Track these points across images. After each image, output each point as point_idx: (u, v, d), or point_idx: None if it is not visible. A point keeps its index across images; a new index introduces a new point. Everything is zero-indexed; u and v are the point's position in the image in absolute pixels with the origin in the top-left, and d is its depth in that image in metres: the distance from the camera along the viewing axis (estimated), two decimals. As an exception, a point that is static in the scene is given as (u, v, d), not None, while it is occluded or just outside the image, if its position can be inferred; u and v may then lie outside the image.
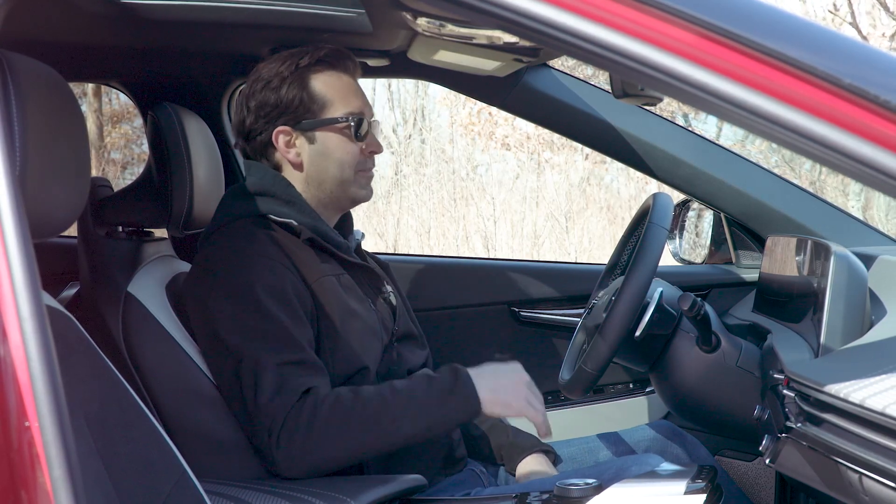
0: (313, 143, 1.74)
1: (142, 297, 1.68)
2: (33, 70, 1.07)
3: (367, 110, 1.78)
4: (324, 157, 1.74)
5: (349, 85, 1.76)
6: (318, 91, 1.73)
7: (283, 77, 1.73)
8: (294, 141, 1.75)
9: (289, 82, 1.73)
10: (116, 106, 9.51)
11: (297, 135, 1.74)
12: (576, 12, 0.94)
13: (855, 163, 0.91)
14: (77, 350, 1.20)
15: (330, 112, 1.74)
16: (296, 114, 1.73)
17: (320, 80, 1.74)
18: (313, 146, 1.74)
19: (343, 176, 1.75)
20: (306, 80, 1.73)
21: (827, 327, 1.41)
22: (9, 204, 0.93)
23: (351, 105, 1.74)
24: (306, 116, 1.73)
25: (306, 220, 1.71)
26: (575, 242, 8.23)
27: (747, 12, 0.94)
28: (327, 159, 1.74)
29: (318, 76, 1.74)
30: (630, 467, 1.64)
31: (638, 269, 1.65)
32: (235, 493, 1.45)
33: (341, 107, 1.74)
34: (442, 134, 10.09)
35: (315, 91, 1.73)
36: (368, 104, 1.79)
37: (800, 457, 1.31)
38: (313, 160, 1.75)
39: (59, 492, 0.89)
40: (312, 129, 1.74)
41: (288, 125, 1.74)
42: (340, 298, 1.68)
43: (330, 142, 1.74)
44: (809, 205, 2.12)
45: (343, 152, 1.74)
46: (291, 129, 1.74)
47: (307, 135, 1.74)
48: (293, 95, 1.73)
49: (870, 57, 0.94)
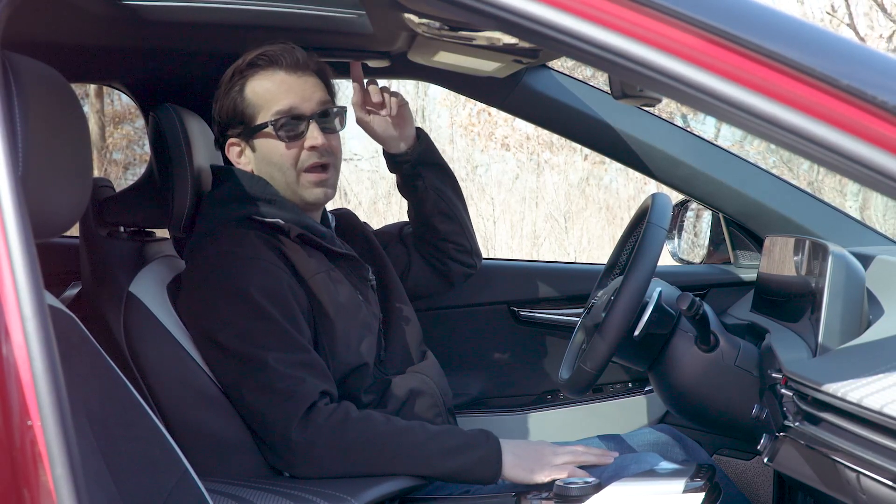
0: (256, 150, 1.74)
1: (143, 296, 1.69)
2: (36, 71, 1.07)
3: (305, 104, 1.71)
4: (266, 163, 1.73)
5: (280, 82, 1.70)
6: (250, 97, 1.71)
7: (225, 86, 1.72)
8: (243, 151, 1.75)
9: (227, 92, 1.72)
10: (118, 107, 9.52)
11: (244, 145, 1.74)
12: (575, 13, 0.95)
13: (852, 163, 0.92)
14: (79, 349, 1.20)
15: (261, 117, 1.71)
16: (235, 124, 1.72)
17: (252, 85, 1.71)
18: (256, 154, 1.74)
19: (287, 179, 1.72)
20: (242, 87, 1.71)
21: (825, 327, 1.41)
22: (11, 204, 0.94)
23: (279, 103, 1.70)
24: (242, 126, 1.72)
25: (291, 216, 1.70)
26: (574, 242, 8.24)
27: (745, 13, 0.94)
28: (270, 165, 1.72)
29: (251, 81, 1.71)
30: (629, 466, 1.65)
31: (637, 268, 1.65)
32: (236, 492, 1.45)
33: (271, 108, 1.70)
34: (442, 134, 10.09)
35: (247, 97, 1.71)
36: (307, 97, 1.71)
37: (798, 456, 1.31)
38: (260, 168, 1.74)
39: (62, 490, 0.90)
40: (252, 137, 1.73)
41: (234, 136, 1.74)
42: (333, 295, 1.69)
43: (266, 147, 1.72)
44: (807, 205, 2.12)
45: (278, 156, 1.71)
46: (238, 140, 1.74)
47: (250, 143, 1.74)
48: (231, 106, 1.72)
49: (867, 58, 0.94)
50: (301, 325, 1.63)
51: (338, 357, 1.67)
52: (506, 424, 2.23)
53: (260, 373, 1.58)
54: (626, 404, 2.25)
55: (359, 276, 1.80)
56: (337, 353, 1.67)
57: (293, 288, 1.64)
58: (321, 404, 1.58)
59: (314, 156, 1.72)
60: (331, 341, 1.67)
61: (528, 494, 1.57)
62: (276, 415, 1.57)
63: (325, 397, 1.60)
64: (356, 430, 1.58)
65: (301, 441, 1.56)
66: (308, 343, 1.63)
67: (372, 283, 1.83)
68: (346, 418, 1.58)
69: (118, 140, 9.59)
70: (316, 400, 1.58)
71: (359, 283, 1.78)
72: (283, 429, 1.56)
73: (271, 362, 1.57)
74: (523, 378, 2.31)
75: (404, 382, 1.76)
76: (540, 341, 2.31)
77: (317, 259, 1.72)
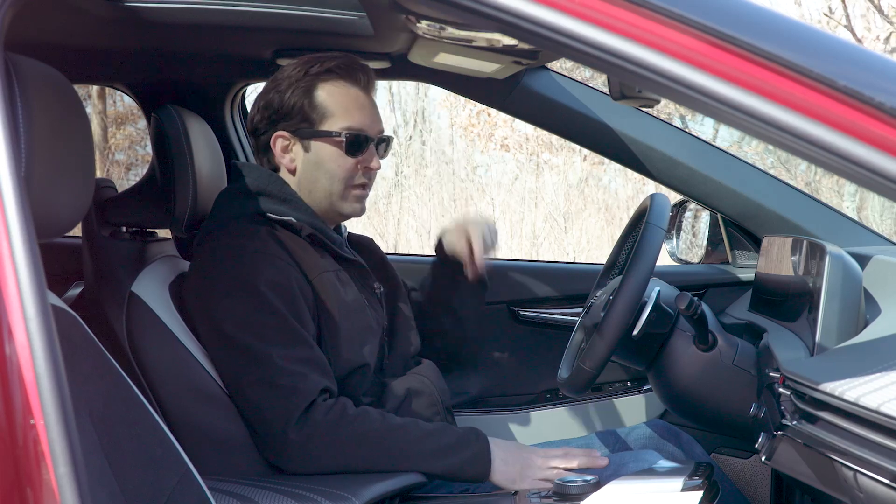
0: (308, 151, 1.75)
1: (145, 296, 1.69)
2: (39, 72, 1.08)
3: (372, 127, 1.76)
4: (316, 167, 1.75)
5: (355, 98, 1.75)
6: (321, 101, 1.73)
7: (292, 81, 1.74)
8: (291, 147, 1.76)
9: (294, 88, 1.73)
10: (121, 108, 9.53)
11: (295, 141, 1.76)
12: (573, 15, 0.95)
13: (849, 164, 0.92)
14: (82, 349, 1.21)
15: (328, 124, 1.73)
16: (295, 120, 1.74)
17: (325, 90, 1.74)
18: (307, 154, 1.75)
19: (332, 188, 1.75)
20: (312, 87, 1.73)
21: (822, 326, 1.42)
22: (14, 204, 0.94)
23: (352, 119, 1.74)
24: (304, 125, 1.74)
25: (304, 217, 1.72)
26: (573, 242, 8.24)
27: (743, 15, 0.95)
28: (319, 170, 1.75)
29: (324, 85, 1.74)
30: (628, 464, 1.66)
31: (636, 268, 1.66)
32: (238, 490, 1.46)
33: (341, 120, 1.73)
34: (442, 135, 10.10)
35: (317, 100, 1.73)
36: (375, 120, 1.77)
37: (795, 454, 1.32)
38: (306, 169, 1.76)
39: (64, 488, 0.90)
40: (309, 138, 1.74)
41: (286, 130, 1.75)
42: (339, 294, 1.70)
43: (324, 152, 1.74)
44: (805, 205, 2.13)
45: (335, 165, 1.74)
46: (289, 135, 1.75)
47: (304, 142, 1.75)
48: (295, 101, 1.73)
49: (864, 59, 0.95)
50: (306, 320, 1.64)
51: (340, 355, 1.68)
52: (505, 423, 2.24)
53: (262, 366, 1.59)
54: (624, 403, 2.26)
55: (365, 283, 1.82)
56: (339, 351, 1.68)
57: (300, 284, 1.66)
58: (320, 400, 1.59)
59: (364, 176, 1.77)
60: (334, 339, 1.68)
61: (528, 493, 1.58)
62: (275, 411, 1.58)
63: (324, 394, 1.61)
64: (352, 427, 1.59)
65: (298, 439, 1.57)
66: (312, 339, 1.64)
67: (378, 293, 1.84)
68: (343, 415, 1.59)
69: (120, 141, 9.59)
70: (315, 398, 1.59)
71: (364, 290, 1.80)
72: (282, 426, 1.57)
73: (274, 357, 1.58)
74: (523, 377, 2.32)
75: (402, 383, 1.77)
76: (539, 341, 2.31)
77: (326, 259, 1.73)
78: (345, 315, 1.70)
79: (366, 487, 1.48)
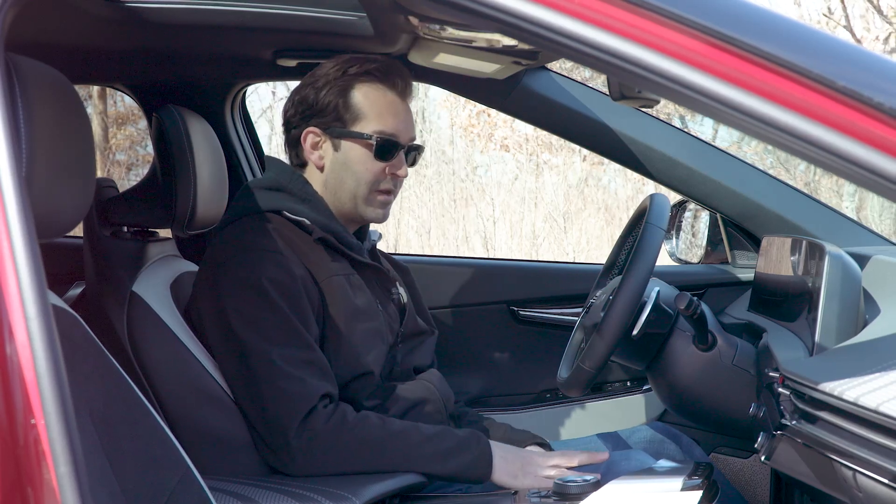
0: (338, 150, 1.75)
1: (146, 296, 1.70)
2: (39, 73, 1.08)
3: (404, 134, 1.76)
4: (344, 167, 1.75)
5: (391, 103, 1.75)
6: (356, 102, 1.74)
7: (329, 80, 1.74)
8: (321, 144, 1.76)
9: (331, 86, 1.74)
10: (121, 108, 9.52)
11: (325, 139, 1.76)
12: (573, 15, 0.95)
13: (849, 164, 0.92)
14: (82, 348, 1.21)
15: (361, 125, 1.74)
16: (328, 118, 1.74)
17: (361, 92, 1.74)
18: (337, 154, 1.76)
19: (358, 191, 1.75)
20: (349, 88, 1.74)
21: (821, 326, 1.42)
22: (15, 204, 0.94)
23: (385, 124, 1.74)
24: (336, 123, 1.74)
25: (320, 218, 1.73)
26: (573, 242, 8.24)
27: (742, 15, 0.95)
28: (347, 170, 1.75)
29: (361, 87, 1.74)
30: (619, 462, 1.66)
31: (635, 268, 1.66)
32: (238, 490, 1.46)
33: (374, 123, 1.73)
34: (442, 136, 10.10)
35: (352, 101, 1.74)
36: (408, 127, 1.77)
37: (795, 454, 1.32)
38: (334, 168, 1.76)
39: (65, 488, 0.90)
40: (340, 138, 1.75)
41: (318, 127, 1.75)
42: (348, 299, 1.70)
43: (353, 154, 1.74)
44: (804, 205, 2.13)
45: (363, 168, 1.74)
46: (321, 132, 1.76)
47: (334, 141, 1.75)
48: (330, 100, 1.74)
49: (864, 60, 0.95)
50: (309, 321, 1.64)
51: (343, 361, 1.68)
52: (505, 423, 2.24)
53: (263, 366, 1.59)
54: (624, 403, 2.26)
55: (383, 287, 1.82)
56: (343, 356, 1.68)
57: (306, 284, 1.66)
58: (320, 407, 1.59)
59: (390, 182, 1.77)
60: (338, 344, 1.67)
61: (528, 492, 1.58)
62: (276, 415, 1.58)
63: (324, 399, 1.61)
64: (352, 433, 1.59)
65: (299, 446, 1.57)
66: (315, 341, 1.64)
67: (396, 298, 1.84)
68: (343, 422, 1.59)
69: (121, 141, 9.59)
70: (315, 404, 1.59)
71: (381, 294, 1.80)
72: (282, 432, 1.57)
73: (274, 356, 1.58)
74: (523, 377, 2.32)
75: (407, 389, 1.77)
76: (539, 340, 2.31)
77: (338, 262, 1.73)
78: (352, 320, 1.69)
79: (366, 487, 1.48)
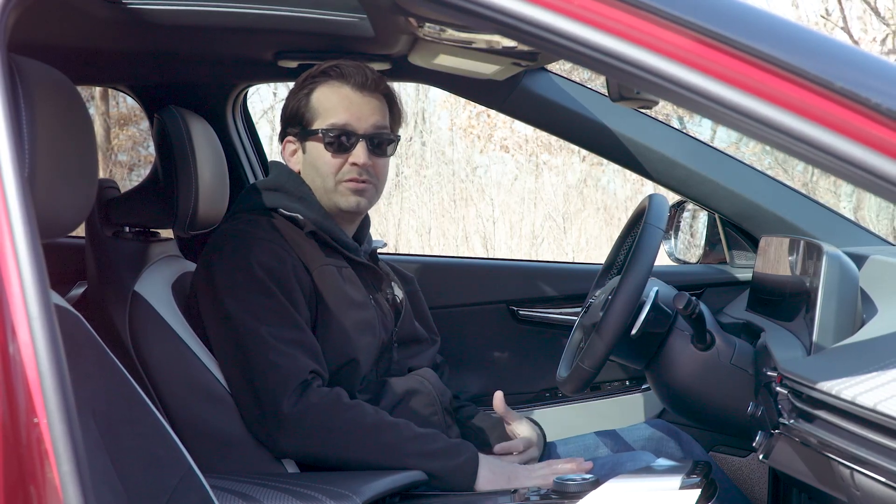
0: (305, 152, 1.83)
1: (148, 296, 1.70)
2: (42, 74, 1.08)
3: (360, 122, 1.78)
4: (311, 167, 1.82)
5: (344, 97, 1.79)
6: (313, 103, 1.80)
7: (296, 88, 1.82)
8: (296, 150, 1.84)
9: (297, 93, 1.81)
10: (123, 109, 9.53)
11: (297, 144, 1.84)
12: (572, 17, 0.96)
13: (846, 165, 0.92)
14: (85, 348, 1.21)
15: (316, 124, 1.80)
16: (297, 125, 1.82)
17: (319, 92, 1.80)
18: (306, 156, 1.83)
19: (325, 185, 1.80)
20: (311, 91, 1.80)
21: (819, 326, 1.42)
22: (18, 205, 0.95)
23: (336, 117, 1.79)
24: (300, 127, 1.82)
25: (313, 215, 1.78)
26: (572, 243, 8.24)
27: (740, 17, 0.95)
28: (313, 169, 1.81)
29: (319, 88, 1.80)
30: (625, 463, 1.67)
31: (634, 268, 1.66)
32: (240, 489, 1.46)
33: (327, 118, 1.79)
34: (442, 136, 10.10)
35: (311, 103, 1.80)
36: (366, 116, 1.79)
37: (792, 452, 1.33)
38: (306, 169, 1.83)
39: (67, 487, 0.91)
40: (305, 140, 1.82)
41: (291, 135, 1.84)
42: (340, 287, 1.75)
43: (314, 152, 1.81)
44: (802, 206, 2.14)
45: (322, 162, 1.80)
46: (294, 139, 1.84)
47: (303, 144, 1.83)
48: (297, 106, 1.82)
49: (861, 61, 0.95)
50: (300, 304, 1.69)
51: (332, 345, 1.71)
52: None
53: (254, 342, 1.63)
54: (623, 402, 2.27)
55: (376, 285, 1.86)
56: (332, 341, 1.71)
57: (297, 271, 1.71)
58: (315, 385, 1.63)
59: (354, 171, 1.79)
60: (328, 328, 1.72)
61: (527, 491, 1.58)
62: (268, 385, 1.61)
63: (316, 378, 1.64)
64: (345, 415, 1.62)
65: (291, 414, 1.59)
66: (305, 323, 1.68)
67: (391, 298, 1.88)
68: (338, 402, 1.62)
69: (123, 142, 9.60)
70: (308, 378, 1.62)
71: (374, 290, 1.84)
72: (274, 399, 1.60)
73: (265, 334, 1.63)
74: (522, 376, 2.33)
75: (400, 382, 1.79)
76: (538, 340, 2.32)
77: (332, 257, 1.78)
78: (342, 309, 1.73)
79: (367, 485, 1.49)
